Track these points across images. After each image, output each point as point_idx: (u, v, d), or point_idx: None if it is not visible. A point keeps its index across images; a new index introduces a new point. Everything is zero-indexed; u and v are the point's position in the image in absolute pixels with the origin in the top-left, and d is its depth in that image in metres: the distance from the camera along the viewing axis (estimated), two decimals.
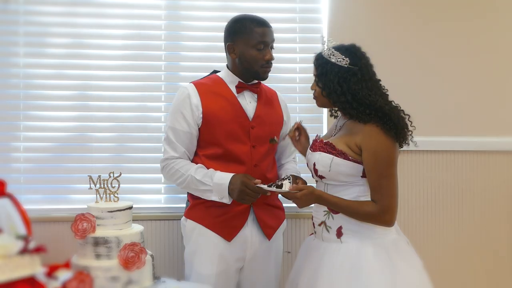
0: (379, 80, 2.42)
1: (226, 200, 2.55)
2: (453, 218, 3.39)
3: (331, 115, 2.67)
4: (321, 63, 2.40)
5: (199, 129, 2.63)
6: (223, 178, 2.54)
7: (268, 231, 2.70)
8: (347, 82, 2.32)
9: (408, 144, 2.41)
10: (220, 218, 2.62)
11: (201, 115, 2.61)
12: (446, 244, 3.38)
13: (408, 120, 2.39)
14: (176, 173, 2.63)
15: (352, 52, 2.37)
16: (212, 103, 2.62)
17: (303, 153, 2.69)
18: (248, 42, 2.61)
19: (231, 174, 2.54)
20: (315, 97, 2.48)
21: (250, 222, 2.67)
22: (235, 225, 2.64)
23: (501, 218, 3.41)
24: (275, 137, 2.69)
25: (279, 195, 2.69)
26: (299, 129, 2.71)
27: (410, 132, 2.38)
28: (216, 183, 2.54)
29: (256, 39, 2.60)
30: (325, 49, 2.40)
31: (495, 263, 3.40)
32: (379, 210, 2.30)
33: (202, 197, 2.60)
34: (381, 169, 2.30)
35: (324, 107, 2.50)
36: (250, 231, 2.66)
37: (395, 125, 2.29)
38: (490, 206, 3.40)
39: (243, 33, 2.62)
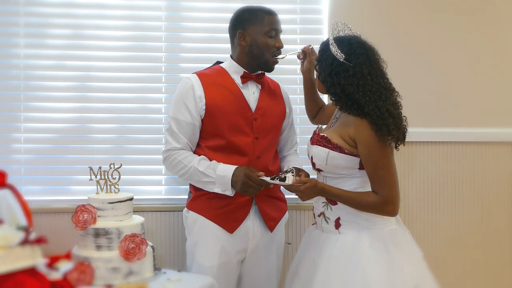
0: (383, 79, 2.36)
1: (229, 192, 2.54)
2: (453, 209, 3.39)
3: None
4: (322, 49, 2.42)
5: (202, 120, 2.63)
6: (226, 170, 2.54)
7: (270, 223, 2.70)
8: (338, 75, 2.33)
9: (404, 145, 2.39)
10: (222, 210, 2.62)
11: (204, 107, 2.60)
12: (446, 235, 3.38)
13: (402, 125, 2.34)
14: (178, 164, 2.62)
15: (353, 48, 2.33)
16: (215, 94, 2.62)
17: (304, 73, 2.76)
18: (260, 29, 2.63)
19: (234, 166, 2.53)
20: (315, 79, 2.49)
21: (252, 214, 2.67)
22: (237, 217, 2.64)
23: (501, 209, 3.41)
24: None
25: (282, 187, 2.69)
26: (305, 53, 2.73)
27: (404, 130, 2.35)
28: (219, 175, 2.53)
29: (268, 26, 2.63)
30: (330, 35, 2.39)
31: (495, 254, 3.41)
32: (381, 201, 2.30)
33: (205, 189, 2.60)
34: (376, 160, 2.29)
35: (322, 92, 2.50)
36: (252, 223, 2.67)
37: (380, 121, 2.26)
38: (490, 197, 3.41)
39: (254, 20, 2.63)
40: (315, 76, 2.49)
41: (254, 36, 2.63)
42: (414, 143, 3.32)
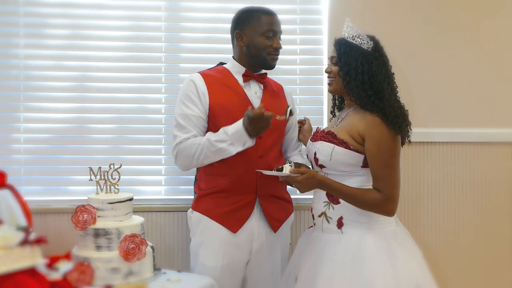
0: (393, 73, 2.48)
1: (250, 142, 2.49)
2: (453, 210, 3.39)
3: (331, 112, 2.72)
4: (344, 43, 2.43)
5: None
6: (235, 125, 2.48)
7: (274, 223, 2.69)
8: (369, 63, 2.37)
9: (409, 142, 2.46)
10: (226, 209, 2.61)
11: (208, 105, 2.60)
12: (446, 235, 3.38)
13: (407, 118, 2.41)
14: (192, 147, 2.55)
15: (375, 40, 2.44)
16: (218, 93, 2.62)
17: (302, 140, 2.84)
18: (257, 29, 2.62)
19: (240, 120, 2.49)
20: (330, 79, 2.50)
21: (257, 214, 2.65)
22: (241, 217, 2.62)
23: (501, 209, 3.41)
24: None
25: (283, 183, 2.67)
26: (303, 123, 2.87)
27: (409, 129, 2.41)
28: (233, 133, 2.48)
29: (265, 26, 2.62)
30: (346, 33, 2.44)
31: (495, 254, 3.40)
32: (383, 199, 2.31)
33: (225, 157, 2.52)
34: (384, 159, 2.31)
35: (335, 93, 2.52)
36: (256, 223, 2.65)
37: (394, 118, 2.32)
38: (490, 197, 3.40)
39: (252, 21, 2.64)
40: (331, 75, 2.48)
41: (251, 37, 2.64)
42: (414, 143, 3.30)
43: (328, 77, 2.52)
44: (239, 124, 2.48)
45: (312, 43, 3.34)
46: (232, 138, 2.48)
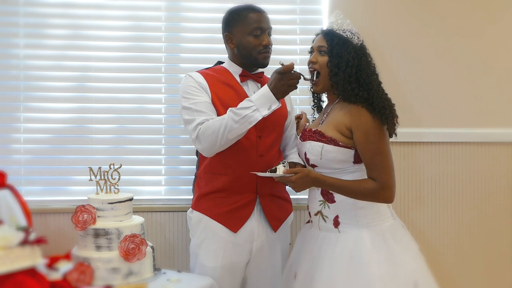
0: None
1: (276, 104, 2.43)
2: (452, 210, 3.39)
3: (313, 106, 2.72)
4: (337, 35, 2.42)
5: None
6: (260, 91, 2.45)
7: (274, 222, 2.69)
8: (359, 58, 2.38)
9: (396, 135, 2.44)
10: (226, 209, 2.61)
11: (210, 100, 2.58)
12: (446, 236, 3.38)
13: (394, 110, 2.41)
14: (215, 123, 2.47)
15: (361, 38, 2.45)
16: (219, 90, 2.61)
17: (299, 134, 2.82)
18: (245, 29, 2.60)
19: (264, 86, 2.46)
20: (313, 72, 2.48)
21: (257, 213, 2.65)
22: (241, 216, 2.62)
23: (500, 209, 3.41)
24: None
25: (281, 183, 2.67)
26: (300, 118, 2.85)
27: (396, 122, 2.40)
28: (257, 98, 2.43)
29: (252, 25, 2.59)
30: (335, 25, 2.45)
31: (495, 254, 3.40)
32: (379, 187, 2.31)
33: (251, 125, 2.45)
34: (374, 147, 2.31)
35: (321, 92, 2.52)
36: (257, 222, 2.64)
37: (382, 109, 2.32)
38: (490, 197, 3.41)
39: (238, 21, 2.61)
40: (316, 66, 2.46)
41: (239, 37, 2.61)
42: (413, 143, 3.31)
43: (310, 67, 2.49)
44: (263, 88, 2.44)
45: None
46: (257, 103, 2.42)
